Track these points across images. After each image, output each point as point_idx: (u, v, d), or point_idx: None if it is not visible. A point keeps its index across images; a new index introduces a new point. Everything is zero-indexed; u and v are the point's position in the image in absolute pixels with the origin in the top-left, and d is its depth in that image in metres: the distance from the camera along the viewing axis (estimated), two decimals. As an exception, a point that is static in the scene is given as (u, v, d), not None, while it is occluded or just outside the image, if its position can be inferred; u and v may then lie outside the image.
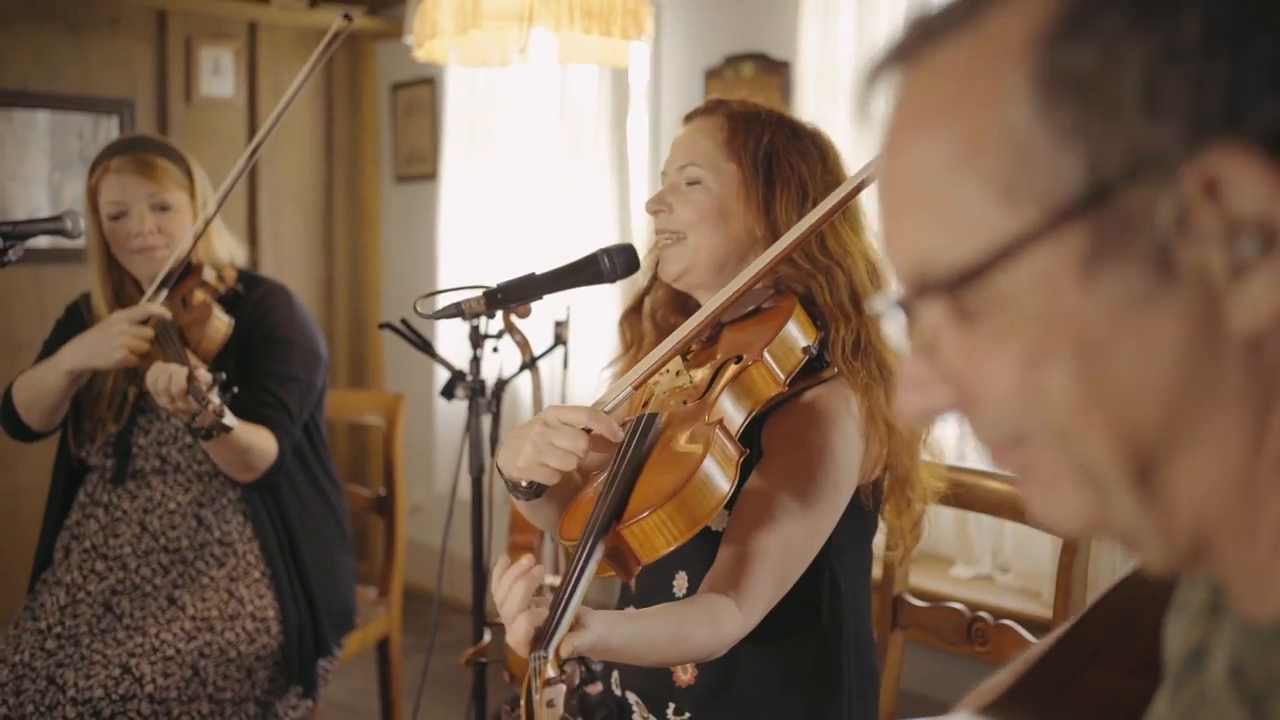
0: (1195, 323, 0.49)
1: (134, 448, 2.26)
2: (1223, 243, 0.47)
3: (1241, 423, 0.50)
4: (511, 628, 1.18)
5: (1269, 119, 0.47)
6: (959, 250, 0.52)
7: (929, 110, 0.54)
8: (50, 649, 2.13)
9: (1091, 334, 0.50)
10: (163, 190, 2.26)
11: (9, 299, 3.81)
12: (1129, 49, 0.48)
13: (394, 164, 4.64)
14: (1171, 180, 0.48)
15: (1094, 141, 0.49)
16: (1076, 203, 0.49)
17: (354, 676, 3.48)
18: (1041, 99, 0.50)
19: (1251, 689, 0.50)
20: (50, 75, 3.90)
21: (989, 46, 0.52)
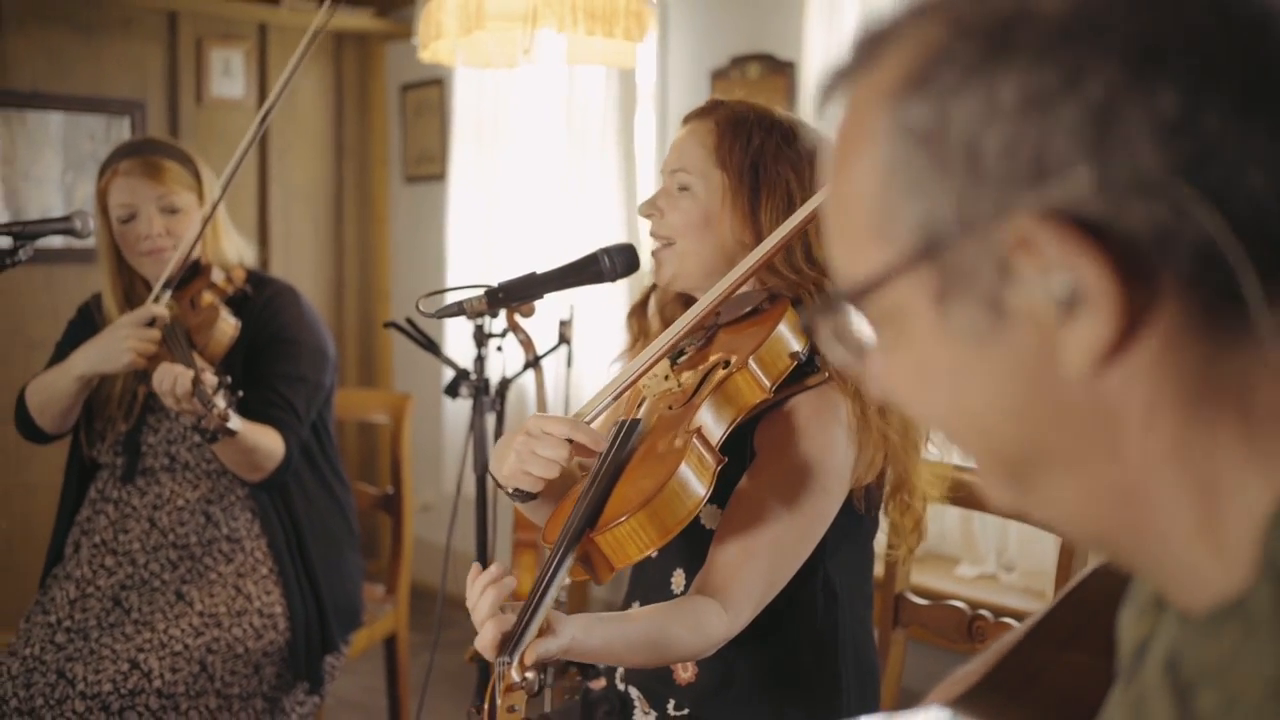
0: (1030, 360, 0.53)
1: (143, 446, 2.29)
2: (1044, 291, 0.51)
3: (1096, 447, 0.53)
4: (480, 633, 1.21)
5: (1075, 184, 0.49)
6: (850, 271, 0.59)
7: (841, 145, 0.59)
8: (60, 643, 2.15)
9: (950, 362, 0.55)
10: (170, 193, 2.28)
11: (22, 299, 3.84)
12: (956, 108, 0.52)
13: (403, 164, 4.66)
14: (988, 236, 0.52)
15: (931, 194, 0.53)
16: (918, 249, 0.54)
17: (363, 674, 3.50)
18: (896, 147, 0.54)
19: (1182, 680, 0.51)
20: (62, 77, 3.94)
21: (872, 91, 0.56)
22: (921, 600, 1.92)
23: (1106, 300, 0.50)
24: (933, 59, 0.53)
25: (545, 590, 1.23)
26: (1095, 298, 0.50)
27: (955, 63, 0.52)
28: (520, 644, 1.17)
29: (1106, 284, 0.49)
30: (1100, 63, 0.49)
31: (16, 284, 3.80)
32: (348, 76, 4.61)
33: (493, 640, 1.20)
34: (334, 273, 4.68)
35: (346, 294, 4.70)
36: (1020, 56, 0.51)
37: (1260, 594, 0.48)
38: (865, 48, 0.58)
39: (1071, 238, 0.50)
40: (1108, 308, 0.50)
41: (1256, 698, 0.47)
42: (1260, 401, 0.51)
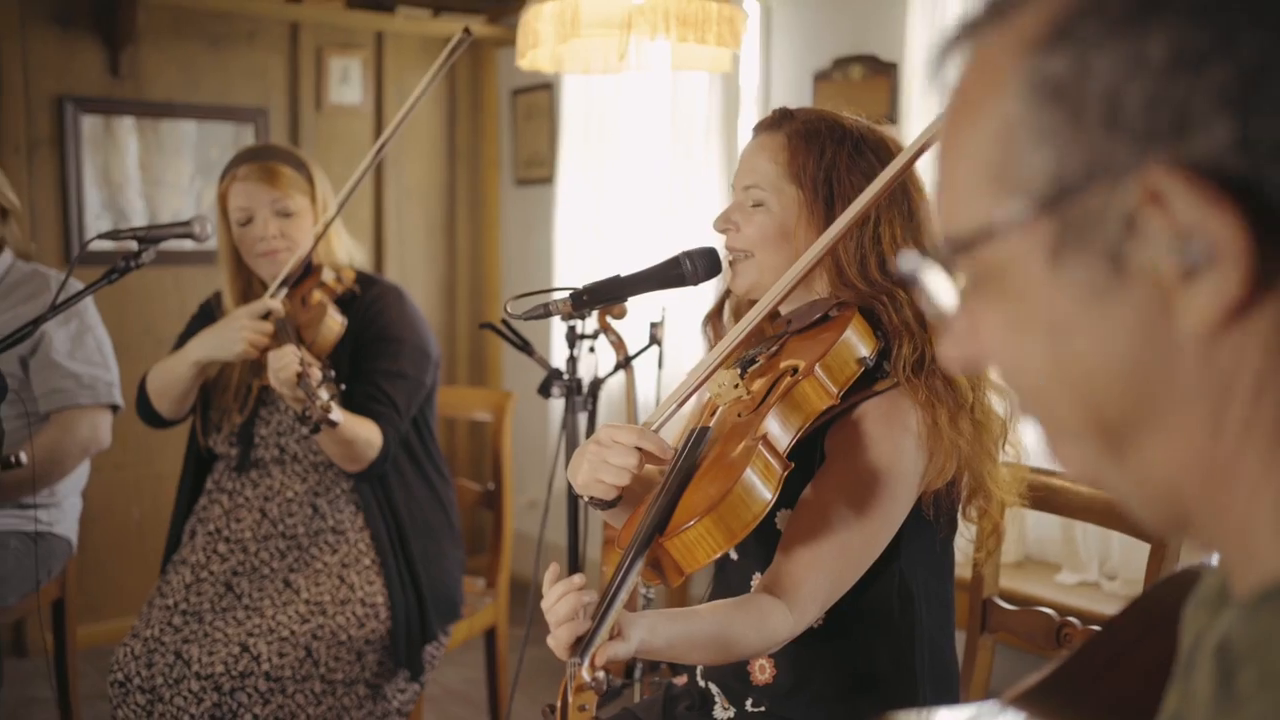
0: (1147, 318, 0.52)
1: (256, 438, 2.40)
2: (1170, 248, 0.51)
3: (1200, 413, 0.53)
4: (554, 635, 1.25)
5: (1216, 140, 0.50)
6: (961, 222, 0.58)
7: (963, 97, 0.59)
8: (177, 625, 2.27)
9: (1058, 316, 0.55)
10: (285, 197, 2.38)
11: (152, 298, 4.04)
12: (1099, 61, 0.52)
13: (514, 167, 4.76)
14: (1120, 187, 0.51)
15: (1062, 145, 0.53)
16: (1043, 199, 0.54)
17: (467, 665, 3.59)
18: (1028, 99, 0.54)
19: (1228, 662, 0.51)
20: (192, 87, 4.12)
21: (1006, 43, 0.56)
22: (1010, 606, 1.90)
23: (1235, 259, 0.49)
24: (1077, 11, 0.53)
25: (615, 594, 1.27)
26: (1224, 256, 0.50)
27: (1101, 16, 0.52)
28: (590, 646, 1.21)
29: (1237, 242, 0.49)
30: (1254, 26, 0.50)
31: (147, 285, 4.00)
32: (460, 81, 4.73)
33: (566, 643, 1.25)
34: (446, 273, 4.80)
35: (458, 294, 4.82)
36: (1172, 14, 0.51)
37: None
38: (998, 4, 0.58)
39: (1206, 192, 0.49)
40: (1235, 267, 0.50)
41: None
42: None
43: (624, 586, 1.28)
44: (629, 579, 1.29)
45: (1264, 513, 0.53)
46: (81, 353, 2.76)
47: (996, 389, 1.53)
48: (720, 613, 1.39)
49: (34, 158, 3.86)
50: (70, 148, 3.90)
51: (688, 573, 1.36)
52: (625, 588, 1.28)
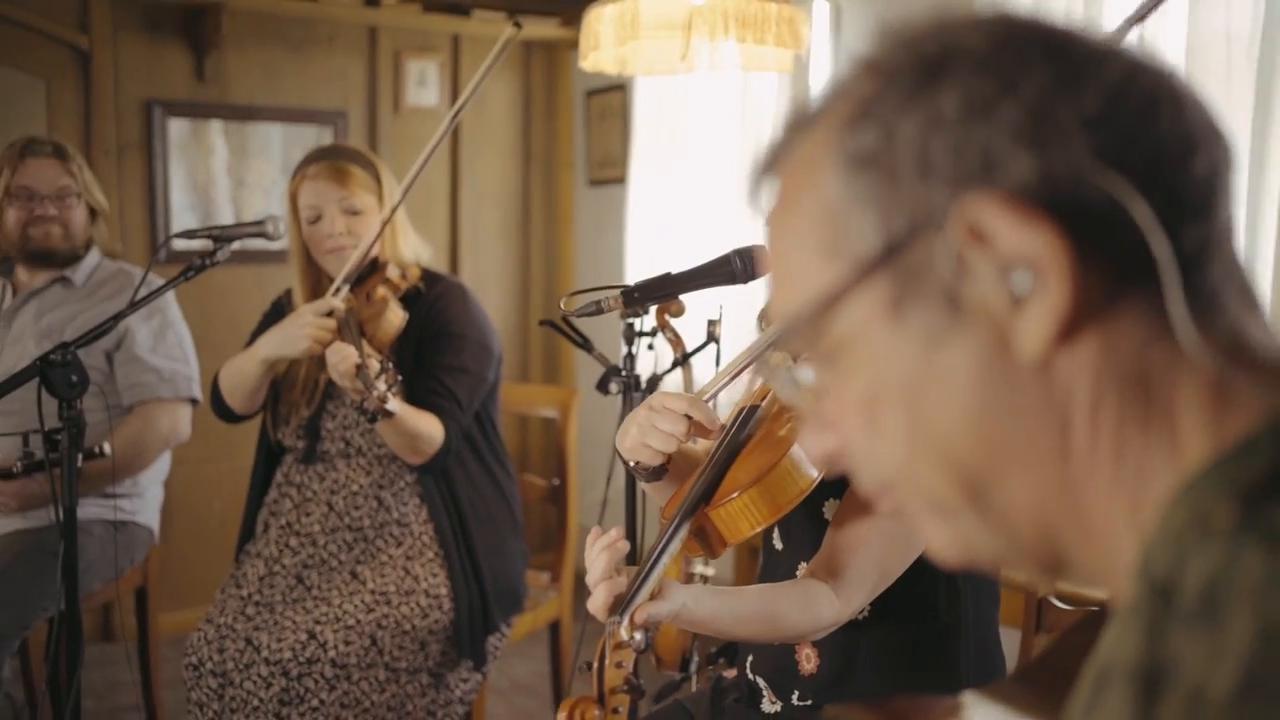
0: (987, 353, 0.55)
1: (322, 431, 2.47)
2: (997, 281, 0.54)
3: (1047, 439, 0.55)
4: (593, 594, 1.27)
5: (1020, 172, 0.53)
6: (798, 303, 0.61)
7: (784, 198, 0.63)
8: (249, 614, 2.35)
9: (907, 372, 0.57)
10: (352, 195, 2.44)
11: (234, 296, 4.15)
12: (901, 126, 0.56)
13: (587, 168, 4.80)
14: (942, 230, 0.55)
15: (883, 205, 0.56)
16: (875, 257, 0.57)
17: (535, 659, 3.64)
18: (844, 174, 0.58)
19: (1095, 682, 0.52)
20: (274, 90, 4.24)
21: (818, 138, 0.60)
22: (1065, 605, 1.89)
23: (1060, 272, 0.52)
24: (873, 96, 0.58)
25: (659, 557, 1.29)
26: (1049, 272, 0.53)
27: (896, 92, 0.57)
28: (630, 605, 1.23)
29: (1060, 255, 0.52)
30: (1029, 68, 0.55)
31: (230, 283, 4.12)
32: (535, 83, 4.79)
33: (605, 601, 1.27)
34: (520, 272, 4.86)
35: (531, 294, 4.88)
36: (957, 74, 0.55)
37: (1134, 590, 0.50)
38: (796, 123, 0.63)
39: (1022, 210, 0.53)
40: (1061, 281, 0.52)
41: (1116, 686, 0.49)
42: (1180, 397, 0.53)
43: (666, 551, 1.30)
44: (672, 544, 1.31)
45: (1121, 522, 0.54)
46: (163, 348, 2.86)
47: None
48: (767, 592, 1.41)
49: (123, 160, 4.00)
50: (158, 150, 4.03)
51: (730, 543, 1.37)
52: (668, 552, 1.30)
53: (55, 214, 2.81)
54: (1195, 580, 0.46)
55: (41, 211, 2.80)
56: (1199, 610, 0.45)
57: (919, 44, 0.57)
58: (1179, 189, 0.54)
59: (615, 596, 1.25)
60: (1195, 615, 0.45)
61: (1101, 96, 0.54)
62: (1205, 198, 0.55)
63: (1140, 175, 0.53)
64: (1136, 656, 0.47)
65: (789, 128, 0.63)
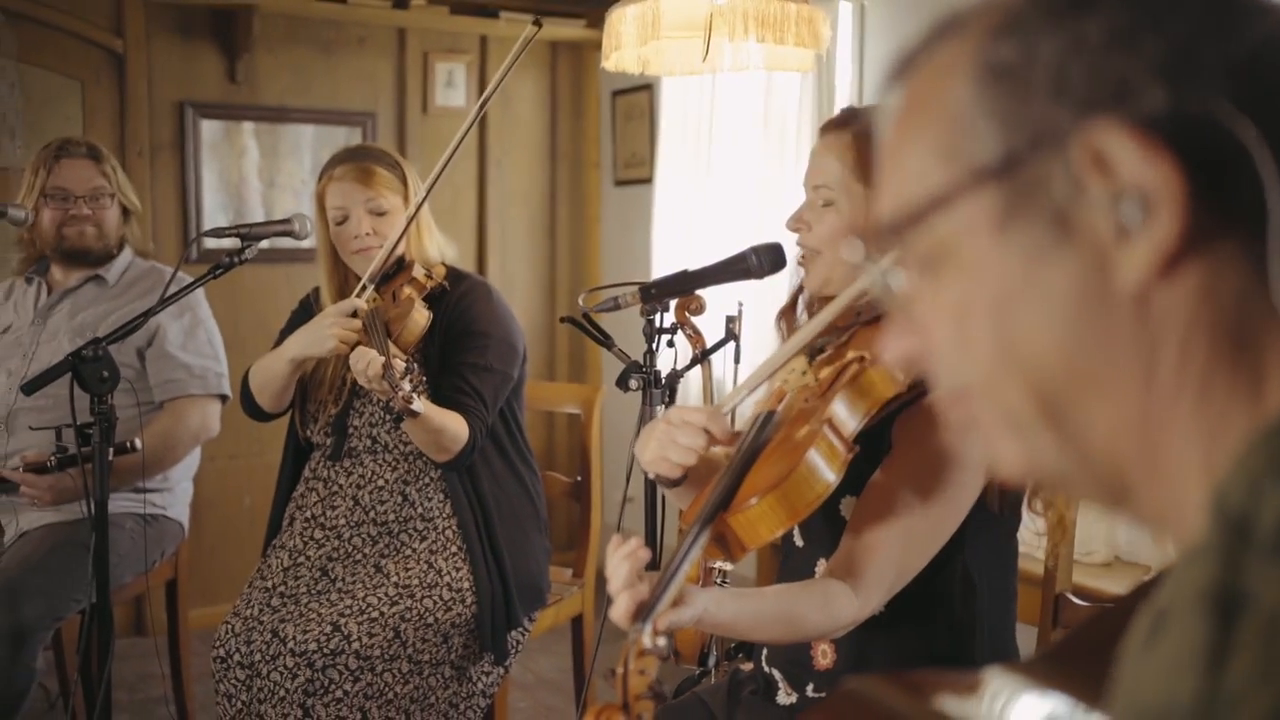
0: (1088, 277, 0.56)
1: (350, 428, 2.50)
2: (1109, 208, 0.55)
3: (1134, 369, 0.56)
4: (615, 602, 1.29)
5: (1153, 104, 0.54)
6: (909, 197, 0.62)
7: (911, 101, 0.63)
8: (275, 605, 2.38)
9: (1005, 285, 0.58)
10: (378, 196, 2.48)
11: (264, 295, 4.21)
12: (1044, 44, 0.57)
13: (613, 168, 4.83)
14: (1065, 151, 0.56)
15: (1011, 119, 0.58)
16: (992, 167, 0.58)
17: (558, 654, 3.67)
18: (978, 83, 0.59)
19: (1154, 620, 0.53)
20: (304, 91, 4.29)
21: (956, 47, 0.61)
22: (1082, 601, 1.89)
23: (1172, 207, 0.53)
24: (1019, 10, 0.59)
25: (680, 564, 1.31)
26: (1162, 204, 0.53)
27: (1045, 10, 0.58)
28: (653, 612, 1.24)
29: (1175, 190, 0.53)
30: (1182, 9, 0.55)
31: (260, 282, 4.18)
32: (561, 84, 4.82)
33: (627, 609, 1.28)
34: (547, 272, 4.89)
35: (558, 292, 4.91)
36: (1107, 2, 0.56)
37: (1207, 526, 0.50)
38: (937, 31, 0.63)
39: (1146, 143, 0.54)
40: (1173, 215, 0.53)
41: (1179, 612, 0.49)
42: (1270, 349, 0.54)
43: (687, 558, 1.31)
44: (693, 551, 1.33)
45: (1194, 461, 0.55)
46: (193, 345, 2.91)
47: None
48: (786, 593, 1.43)
49: (156, 161, 4.06)
50: (190, 151, 4.09)
51: (750, 549, 1.39)
52: (688, 559, 1.31)
53: (89, 214, 2.87)
54: (1273, 516, 0.47)
55: (76, 211, 2.85)
56: (1276, 545, 0.46)
57: None
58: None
59: (637, 604, 1.27)
60: (1273, 548, 0.46)
61: (1248, 45, 0.55)
62: None
63: (1271, 128, 0.53)
64: (1210, 584, 0.48)
65: (930, 34, 0.64)
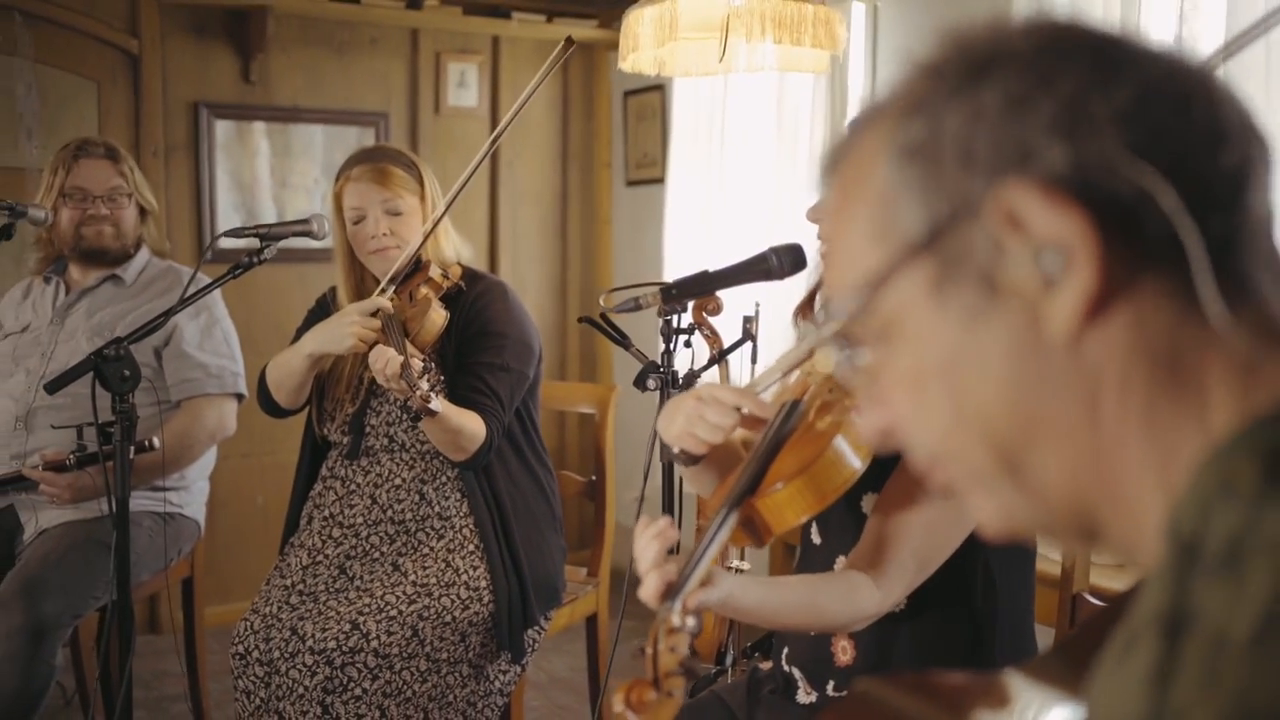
0: (1020, 330, 0.59)
1: (367, 426, 2.52)
2: (1030, 263, 0.58)
3: (1078, 411, 0.58)
4: (644, 582, 1.30)
5: (1054, 162, 0.57)
6: (847, 280, 0.66)
7: (843, 189, 0.68)
8: (294, 603, 2.40)
9: (947, 349, 0.61)
10: (395, 197, 2.49)
11: (278, 295, 4.22)
12: (947, 119, 0.61)
13: (625, 168, 4.84)
14: (981, 216, 0.59)
15: (929, 193, 0.61)
16: (918, 241, 0.61)
17: (572, 654, 3.68)
18: (895, 164, 0.63)
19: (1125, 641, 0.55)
20: (317, 92, 4.31)
21: (874, 134, 0.65)
22: (1099, 601, 1.90)
23: (1088, 255, 0.56)
24: (923, 93, 0.62)
25: (708, 545, 1.32)
26: (1078, 254, 0.56)
27: (945, 87, 0.61)
28: (682, 591, 1.25)
29: (1088, 239, 0.56)
30: (1065, 66, 0.59)
31: (274, 282, 4.19)
32: (573, 85, 4.83)
33: (656, 588, 1.29)
34: (558, 272, 4.90)
35: (570, 292, 4.92)
36: (999, 72, 0.60)
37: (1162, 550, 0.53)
38: (858, 123, 0.67)
39: (1054, 197, 0.57)
40: (1089, 262, 0.56)
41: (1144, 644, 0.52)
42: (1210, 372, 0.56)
43: (715, 540, 1.32)
44: (720, 534, 1.34)
45: (1150, 490, 0.58)
46: (210, 344, 2.93)
47: None
48: (810, 582, 1.44)
49: (170, 161, 4.08)
50: (204, 151, 4.11)
51: (776, 533, 1.40)
52: (716, 541, 1.32)
53: (107, 214, 2.89)
54: (1219, 536, 0.49)
55: (94, 211, 2.87)
56: (1222, 562, 0.48)
57: (969, 45, 0.62)
58: (1207, 179, 0.57)
59: (666, 584, 1.28)
60: (1218, 567, 0.48)
61: (1135, 92, 0.58)
62: (1234, 188, 0.58)
63: (1169, 165, 0.56)
64: (1162, 606, 0.51)
65: (852, 127, 0.68)
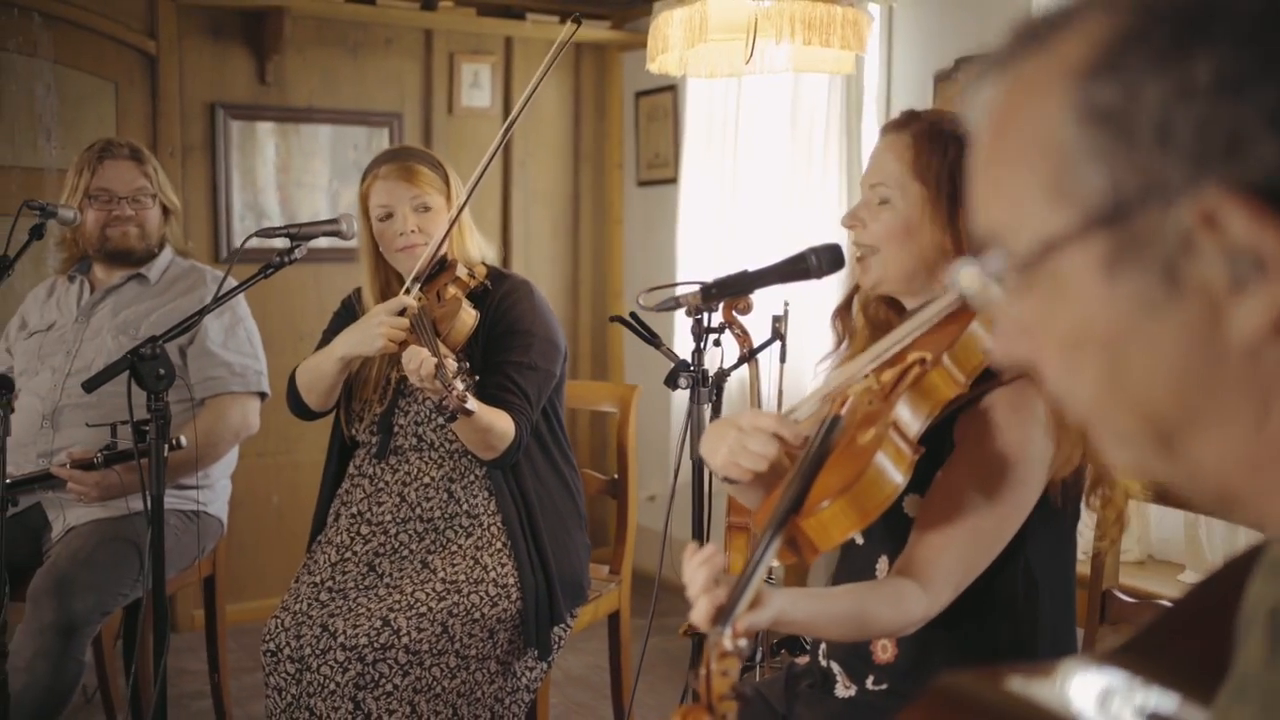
0: (1199, 330, 0.56)
1: (395, 426, 2.54)
2: (1221, 264, 0.54)
3: (1247, 413, 0.56)
4: (695, 606, 1.32)
5: (1265, 160, 0.52)
6: (1017, 230, 0.61)
7: (1003, 112, 0.62)
8: (324, 600, 2.42)
9: (1113, 329, 0.58)
10: (423, 194, 2.52)
11: (293, 294, 4.24)
12: (1147, 89, 0.55)
13: (636, 168, 4.86)
14: (1175, 206, 0.54)
15: (1117, 165, 0.56)
16: (1101, 215, 0.57)
17: (589, 652, 3.70)
18: (1079, 124, 0.57)
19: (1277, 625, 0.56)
20: (332, 92, 4.32)
21: (1049, 69, 0.60)
22: (1129, 599, 1.92)
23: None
24: (1121, 42, 0.56)
25: (755, 567, 1.34)
26: (1273, 266, 0.52)
27: (1147, 46, 0.55)
28: (732, 615, 1.27)
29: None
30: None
31: (289, 281, 4.20)
32: (585, 85, 4.85)
33: (707, 613, 1.31)
34: (570, 271, 4.93)
35: (581, 291, 4.94)
36: (1214, 41, 0.53)
37: None
38: (1032, 32, 0.61)
39: (1260, 212, 0.52)
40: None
41: None
42: None
43: (762, 561, 1.34)
44: (767, 554, 1.36)
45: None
46: (234, 343, 2.94)
47: None
48: (857, 592, 1.47)
49: (187, 161, 4.09)
50: (220, 151, 4.13)
51: (822, 550, 1.42)
52: (764, 562, 1.34)
53: (132, 214, 2.90)
54: None
55: (119, 212, 2.89)
56: None
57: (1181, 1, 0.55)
58: None
59: (716, 608, 1.29)
60: None
61: None
62: None
63: None
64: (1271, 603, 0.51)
65: (1018, 37, 0.62)
